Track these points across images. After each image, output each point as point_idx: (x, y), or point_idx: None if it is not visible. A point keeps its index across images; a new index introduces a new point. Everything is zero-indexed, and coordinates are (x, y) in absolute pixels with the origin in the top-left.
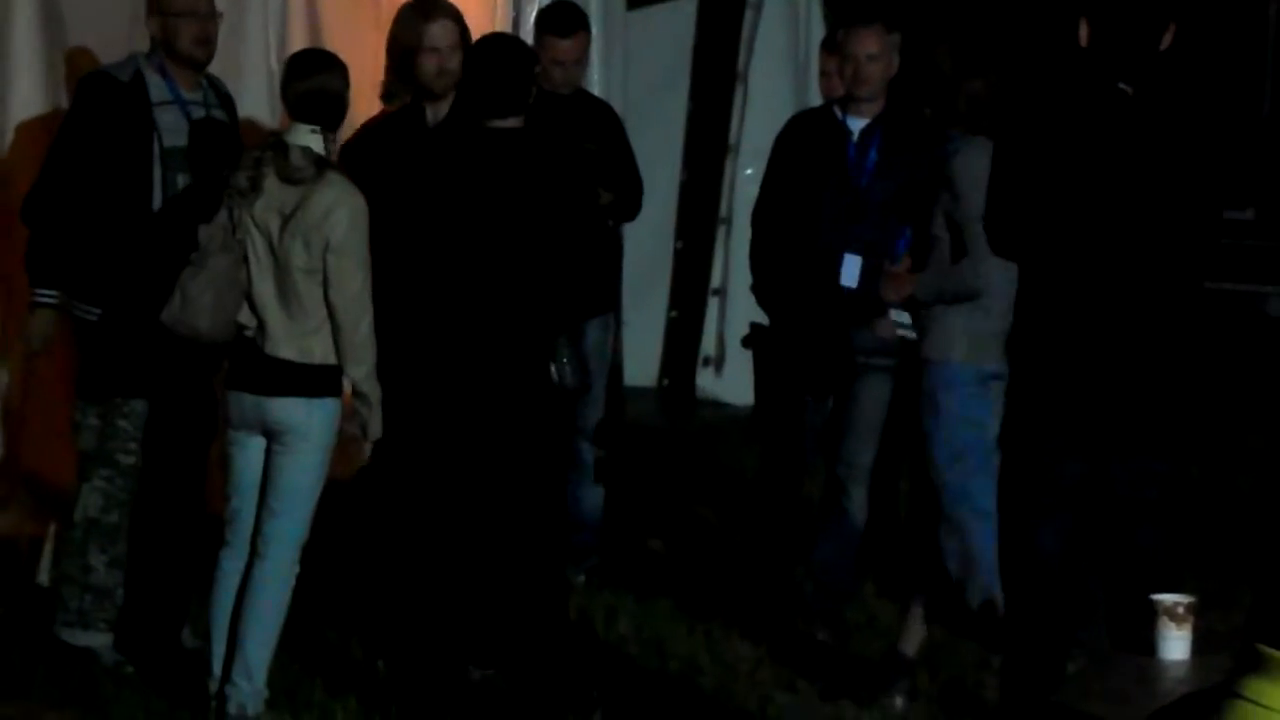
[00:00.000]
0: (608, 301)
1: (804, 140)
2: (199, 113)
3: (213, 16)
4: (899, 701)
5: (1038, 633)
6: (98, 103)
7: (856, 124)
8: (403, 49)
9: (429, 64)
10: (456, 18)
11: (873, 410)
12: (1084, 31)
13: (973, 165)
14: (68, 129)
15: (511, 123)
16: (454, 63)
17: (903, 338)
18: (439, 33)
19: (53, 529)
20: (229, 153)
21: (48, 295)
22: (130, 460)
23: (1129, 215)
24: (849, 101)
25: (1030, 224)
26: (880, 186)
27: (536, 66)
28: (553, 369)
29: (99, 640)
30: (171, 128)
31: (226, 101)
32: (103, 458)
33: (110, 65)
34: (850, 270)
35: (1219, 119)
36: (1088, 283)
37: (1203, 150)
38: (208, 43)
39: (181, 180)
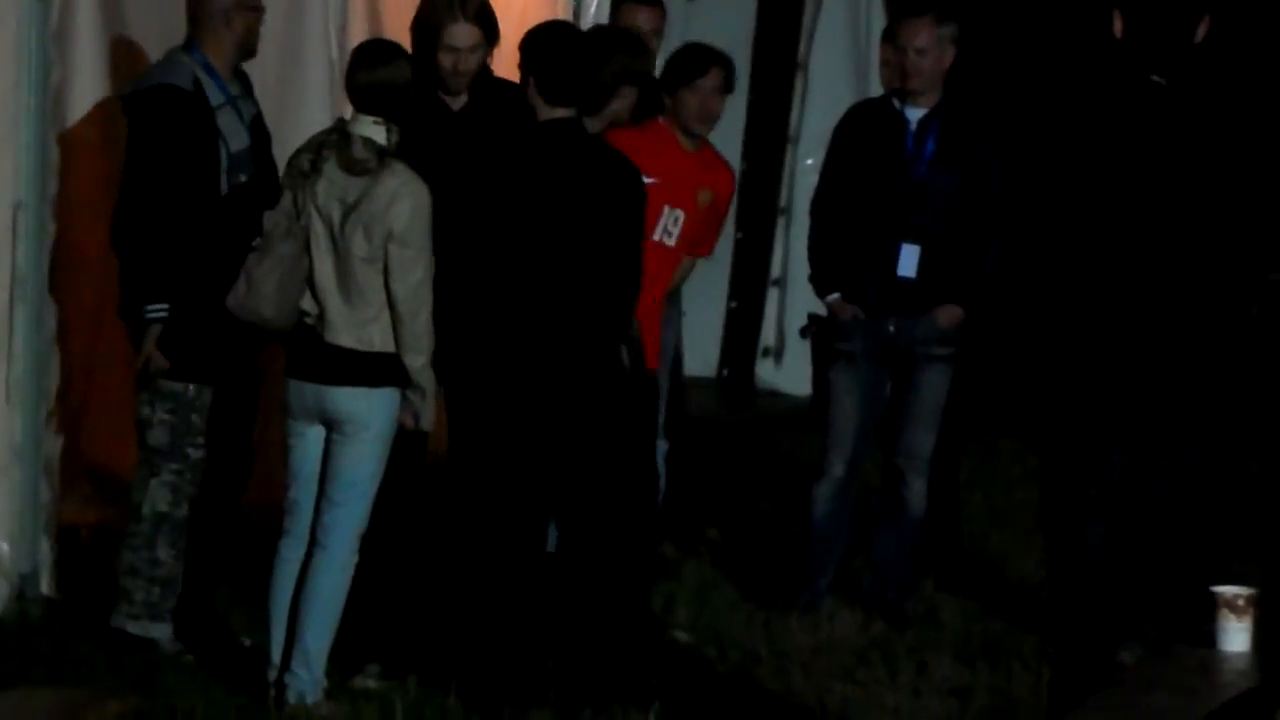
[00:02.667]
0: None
1: (862, 130)
2: (246, 107)
3: (261, 9)
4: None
5: (1088, 626)
6: (168, 119)
7: (914, 114)
8: (423, 37)
9: (445, 61)
10: (480, 17)
11: (932, 400)
12: (1117, 24)
13: None
14: (141, 149)
15: (566, 113)
16: (471, 63)
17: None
18: (460, 34)
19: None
20: (267, 141)
21: (160, 309)
22: (199, 454)
23: (1163, 206)
24: (905, 93)
25: (1065, 216)
26: (938, 177)
27: (610, 70)
28: (624, 353)
29: (165, 631)
30: (231, 130)
31: (248, 86)
32: (174, 453)
33: (166, 73)
34: (908, 260)
35: (1256, 111)
36: (1125, 274)
37: (1237, 141)
38: (257, 38)
39: (243, 179)
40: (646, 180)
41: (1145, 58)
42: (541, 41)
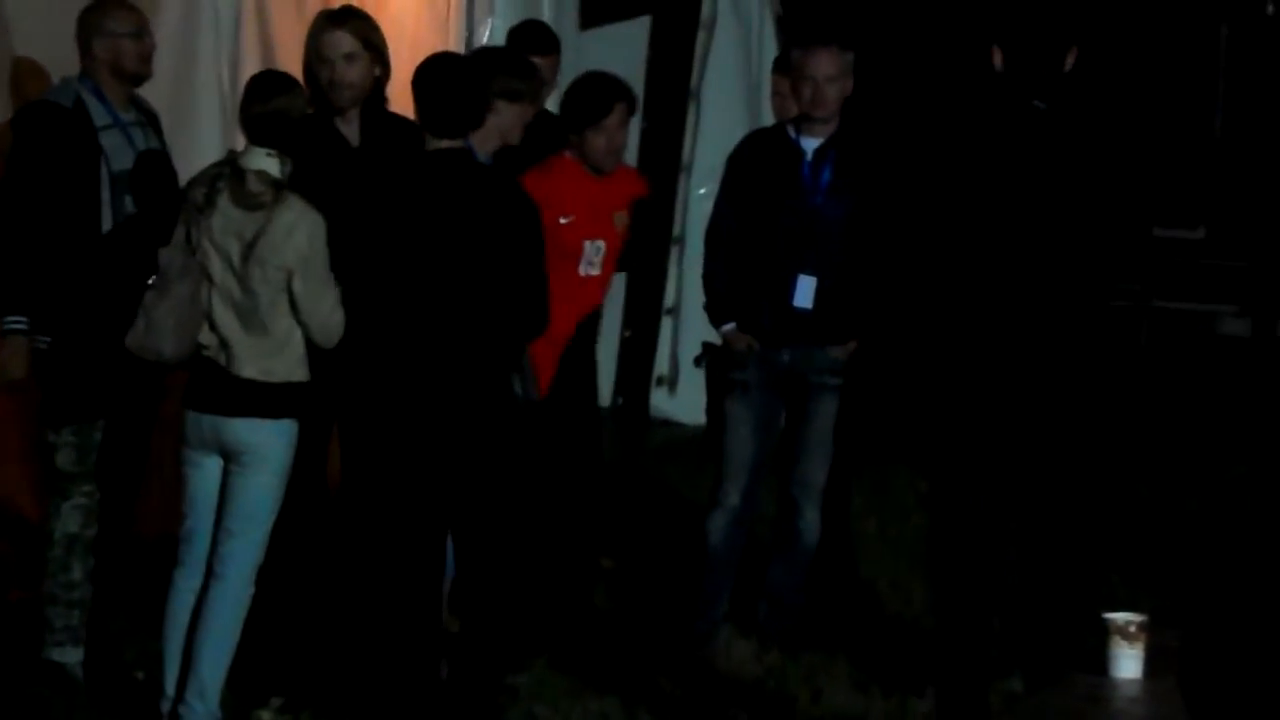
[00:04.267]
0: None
1: (758, 159)
2: (138, 134)
3: (149, 34)
4: None
5: (973, 655)
6: (44, 132)
7: (810, 144)
8: (308, 58)
9: (323, 74)
10: (359, 31)
11: (825, 429)
12: (997, 57)
13: None
14: (16, 160)
15: (455, 143)
16: (351, 75)
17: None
18: (330, 44)
19: None
20: (169, 179)
21: (18, 321)
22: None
23: (1042, 227)
24: (803, 121)
25: (945, 239)
26: (834, 207)
27: (485, 90)
28: (515, 382)
29: (79, 655)
30: (116, 151)
31: (153, 119)
32: (82, 474)
33: (50, 92)
34: (804, 291)
35: (1129, 134)
36: (997, 294)
37: (1109, 163)
38: (148, 59)
39: (129, 203)
40: (562, 220)
41: (1025, 86)
42: (421, 74)
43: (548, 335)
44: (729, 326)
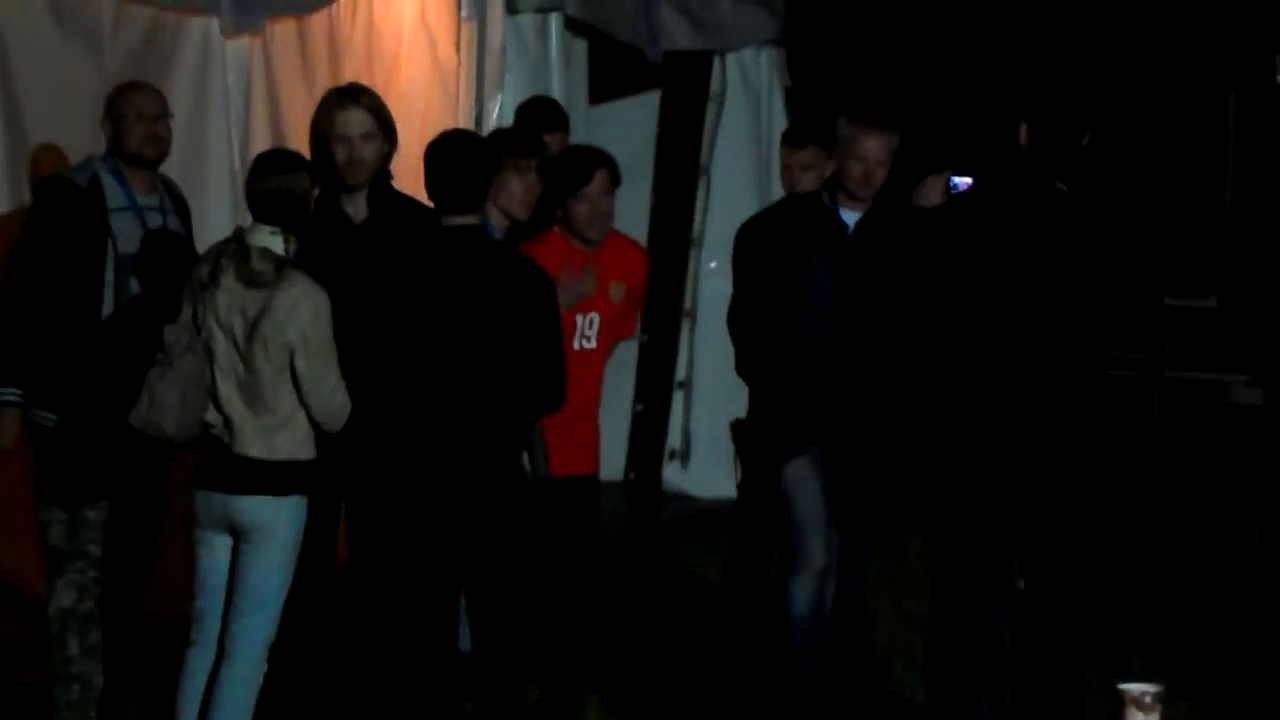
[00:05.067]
0: None
1: (799, 226)
2: (154, 218)
3: (162, 117)
4: None
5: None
6: (56, 208)
7: (850, 217)
8: (318, 136)
9: (339, 152)
10: (373, 108)
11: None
12: (1024, 133)
13: None
14: (28, 233)
15: (469, 220)
16: (366, 153)
17: None
18: (350, 121)
19: None
20: (182, 261)
21: (11, 394)
22: (98, 550)
23: (1059, 300)
24: (843, 196)
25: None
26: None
27: (493, 166)
28: (525, 460)
29: None
30: (126, 233)
31: (181, 205)
32: (73, 551)
33: (69, 169)
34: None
35: (1144, 211)
36: (1012, 368)
37: (1127, 241)
38: (157, 142)
39: (134, 285)
40: None
41: (1050, 166)
42: (435, 150)
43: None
44: None
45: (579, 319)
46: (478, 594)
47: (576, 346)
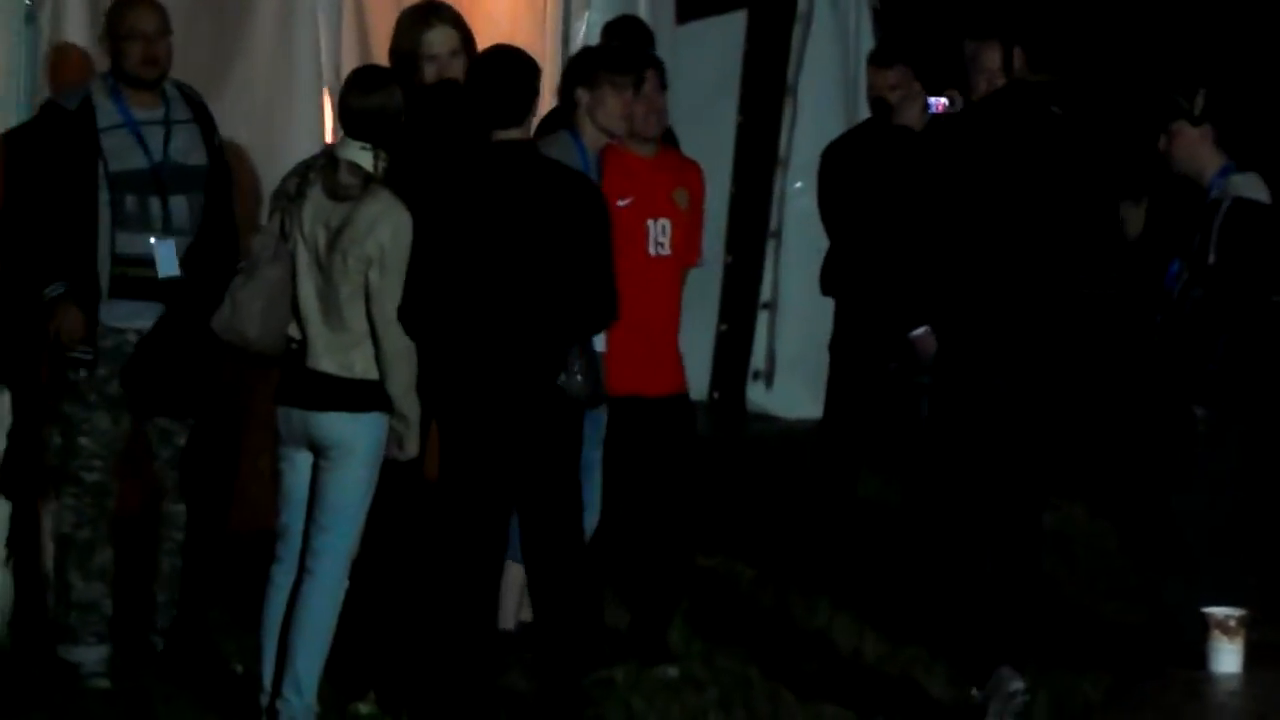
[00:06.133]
0: None
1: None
2: (155, 134)
3: (162, 35)
4: None
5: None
6: (43, 133)
7: None
8: (401, 56)
9: (428, 71)
10: (457, 23)
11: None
12: (1018, 59)
13: None
14: (18, 156)
15: (515, 134)
16: (454, 70)
17: None
18: (437, 40)
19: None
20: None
21: (58, 287)
22: (95, 478)
23: (1049, 226)
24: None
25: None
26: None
27: (538, 78)
28: (561, 378)
29: (90, 655)
30: (119, 151)
31: (201, 114)
32: (65, 475)
33: (62, 94)
34: None
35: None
36: (997, 285)
37: (1108, 165)
38: (154, 63)
39: (131, 202)
40: (621, 203)
41: (1043, 89)
42: (478, 67)
43: (629, 322)
44: (922, 330)
45: (650, 224)
46: (527, 512)
47: (652, 252)
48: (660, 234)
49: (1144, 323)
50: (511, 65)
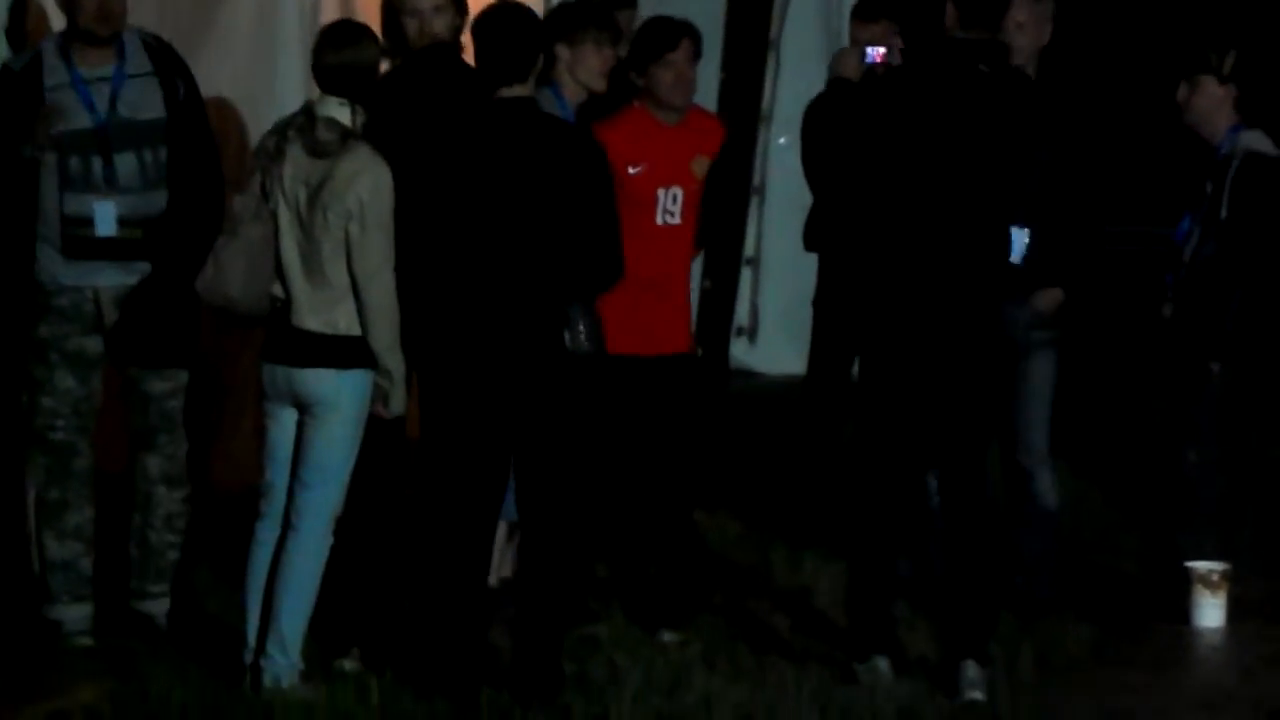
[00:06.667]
0: None
1: None
2: (102, 90)
3: None
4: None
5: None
6: None
7: None
8: (389, 8)
9: (410, 26)
10: None
11: (1043, 387)
12: (951, 14)
13: None
14: None
15: (518, 90)
16: (439, 25)
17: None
18: None
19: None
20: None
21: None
22: (59, 436)
23: (972, 187)
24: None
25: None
26: (1037, 157)
27: (541, 36)
28: (566, 335)
29: (70, 613)
30: (63, 111)
31: (162, 60)
32: (33, 435)
33: (14, 57)
34: (1017, 244)
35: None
36: (921, 257)
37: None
38: (107, 18)
39: (75, 162)
40: (632, 170)
41: (974, 48)
42: (481, 22)
43: (633, 284)
44: None
45: (660, 193)
46: (525, 467)
47: (660, 222)
48: (670, 203)
49: (1156, 279)
50: (514, 21)
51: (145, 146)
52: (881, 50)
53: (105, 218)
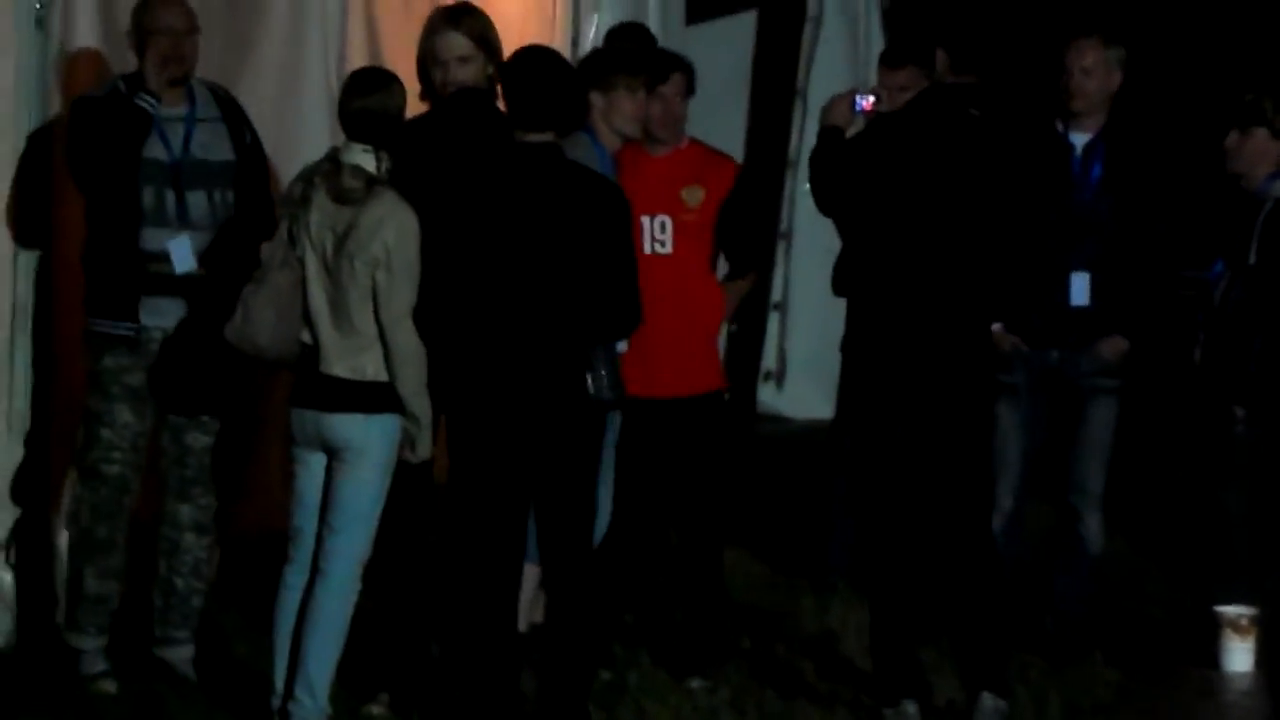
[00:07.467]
0: None
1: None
2: (176, 128)
3: (189, 33)
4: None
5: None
6: (83, 124)
7: (1079, 139)
8: (420, 59)
9: (436, 75)
10: (471, 31)
11: (1101, 434)
12: (941, 61)
13: None
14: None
15: (544, 137)
16: (463, 75)
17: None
18: (444, 45)
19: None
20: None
21: None
22: (115, 470)
23: (962, 230)
24: (1069, 116)
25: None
26: (1105, 203)
27: (573, 83)
28: (589, 381)
29: (89, 644)
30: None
31: (229, 108)
32: (86, 469)
33: (85, 91)
34: (1079, 289)
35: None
36: (915, 287)
37: (1029, 168)
38: (180, 60)
39: (149, 195)
40: None
41: (965, 92)
42: (510, 67)
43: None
44: (995, 326)
45: (646, 221)
46: (545, 513)
47: (648, 250)
48: (659, 231)
49: (1189, 322)
50: (541, 67)
51: (216, 187)
52: (871, 99)
53: (183, 254)
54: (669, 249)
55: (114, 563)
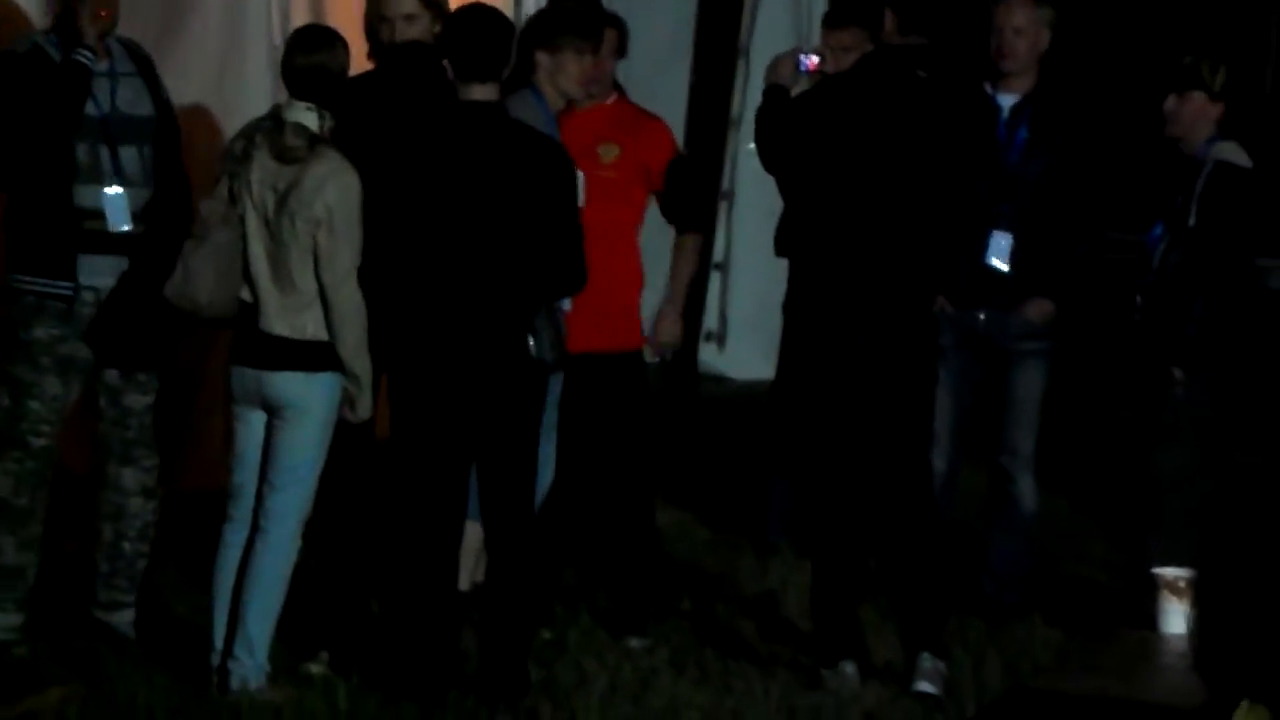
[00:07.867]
0: None
1: None
2: (102, 83)
3: None
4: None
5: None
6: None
7: (1006, 100)
8: (367, 17)
9: (383, 33)
10: None
11: (1029, 396)
12: (890, 21)
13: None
14: None
15: (485, 92)
16: (410, 32)
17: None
18: (391, 3)
19: None
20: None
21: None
22: (42, 442)
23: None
24: (998, 77)
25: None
26: (1031, 165)
27: (513, 37)
28: (530, 341)
29: (6, 621)
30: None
31: (144, 64)
32: (13, 439)
33: (6, 46)
34: (999, 248)
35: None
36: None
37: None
38: (112, 15)
39: (83, 150)
40: None
41: (912, 53)
42: (453, 21)
43: None
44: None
45: None
46: (487, 473)
47: None
48: None
49: (1128, 285)
50: (482, 22)
51: (143, 142)
52: (815, 58)
53: (119, 210)
54: (580, 203)
55: (34, 533)
